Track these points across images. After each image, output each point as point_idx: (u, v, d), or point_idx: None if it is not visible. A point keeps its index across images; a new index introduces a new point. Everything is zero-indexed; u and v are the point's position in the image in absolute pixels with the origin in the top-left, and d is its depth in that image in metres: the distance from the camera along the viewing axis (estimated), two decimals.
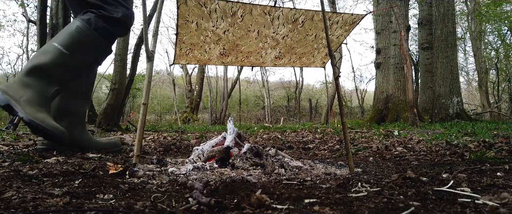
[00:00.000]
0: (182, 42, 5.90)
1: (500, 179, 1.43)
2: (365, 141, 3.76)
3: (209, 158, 2.02)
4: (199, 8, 3.88)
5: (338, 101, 1.86)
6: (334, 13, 3.13)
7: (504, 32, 16.22)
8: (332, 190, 1.29)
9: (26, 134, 4.82)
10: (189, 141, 4.10)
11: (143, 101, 1.87)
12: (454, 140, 3.27)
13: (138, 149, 1.85)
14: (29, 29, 13.71)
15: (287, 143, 3.56)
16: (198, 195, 1.08)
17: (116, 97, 6.58)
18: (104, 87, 24.87)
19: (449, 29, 9.40)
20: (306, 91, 26.61)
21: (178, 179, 1.55)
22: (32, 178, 1.47)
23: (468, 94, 25.78)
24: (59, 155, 2.53)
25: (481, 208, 0.98)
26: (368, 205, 1.03)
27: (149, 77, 1.90)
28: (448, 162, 2.04)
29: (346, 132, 1.80)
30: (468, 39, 18.68)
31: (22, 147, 3.06)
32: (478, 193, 1.17)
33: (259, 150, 2.00)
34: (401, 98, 9.36)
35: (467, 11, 16.46)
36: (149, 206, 1.02)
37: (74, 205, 1.02)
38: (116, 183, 1.41)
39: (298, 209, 0.99)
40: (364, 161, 2.34)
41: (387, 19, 10.04)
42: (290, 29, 5.64)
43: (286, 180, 1.53)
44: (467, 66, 24.07)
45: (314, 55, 6.38)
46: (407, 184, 1.35)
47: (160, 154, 2.84)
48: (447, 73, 9.25)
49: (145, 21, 1.93)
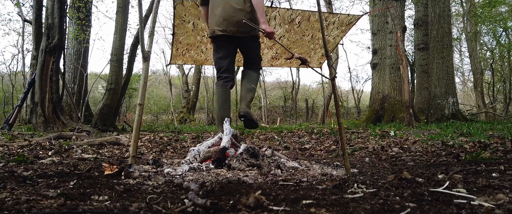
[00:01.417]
0: (179, 42, 5.89)
1: (495, 179, 1.44)
2: (361, 142, 3.77)
3: (205, 159, 2.01)
4: (196, 8, 3.89)
5: (334, 102, 1.87)
6: (330, 13, 3.14)
7: (499, 33, 16.34)
8: (328, 191, 1.29)
9: (21, 134, 4.79)
10: (186, 141, 4.09)
11: (139, 102, 1.86)
12: (449, 141, 3.29)
13: (134, 149, 1.84)
14: (24, 29, 13.62)
15: (284, 143, 3.56)
16: (194, 196, 1.08)
17: (112, 97, 6.55)
18: (100, 88, 24.76)
19: (444, 30, 9.45)
20: (302, 92, 26.64)
21: (174, 180, 1.55)
22: (26, 179, 1.45)
23: (464, 95, 25.93)
24: (54, 155, 2.52)
25: (477, 209, 0.98)
26: (364, 206, 1.03)
27: (145, 78, 1.89)
28: (444, 163, 2.05)
29: (342, 133, 1.80)
30: (464, 40, 18.80)
31: (17, 147, 3.03)
32: (473, 194, 1.17)
33: (256, 150, 1.99)
34: (397, 99, 9.40)
35: (462, 12, 16.55)
36: (144, 207, 1.02)
37: (68, 207, 1.01)
38: (111, 184, 1.40)
39: (294, 210, 0.99)
40: (360, 161, 2.35)
41: (383, 20, 10.07)
42: (286, 30, 5.66)
43: (283, 181, 1.52)
44: (463, 67, 24.19)
45: (311, 56, 6.39)
46: (403, 185, 1.35)
47: (156, 155, 2.83)
48: (442, 74, 9.29)
49: (141, 21, 1.92)
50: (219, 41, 3.19)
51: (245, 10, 3.10)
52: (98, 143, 3.47)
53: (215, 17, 3.17)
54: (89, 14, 10.74)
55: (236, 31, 3.09)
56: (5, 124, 6.24)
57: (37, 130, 5.82)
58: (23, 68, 14.44)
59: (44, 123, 5.89)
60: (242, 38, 3.17)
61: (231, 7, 3.10)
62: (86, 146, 3.30)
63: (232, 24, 3.08)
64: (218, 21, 3.13)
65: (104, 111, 6.48)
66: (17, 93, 14.76)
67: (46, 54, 6.07)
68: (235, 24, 3.08)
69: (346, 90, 27.22)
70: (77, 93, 10.15)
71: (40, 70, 6.03)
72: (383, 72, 9.97)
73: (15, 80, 15.44)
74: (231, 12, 3.09)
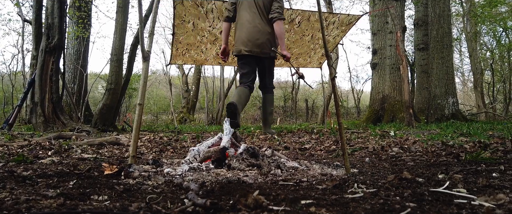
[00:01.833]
0: (179, 42, 5.89)
1: (495, 179, 1.44)
2: (361, 142, 3.77)
3: (205, 159, 2.01)
4: (196, 8, 3.90)
5: (334, 102, 1.86)
6: (330, 13, 3.14)
7: (499, 33, 16.33)
8: (328, 191, 1.29)
9: (21, 134, 4.79)
10: (186, 141, 4.09)
11: (139, 102, 1.85)
12: (449, 141, 3.28)
13: (134, 149, 1.84)
14: (24, 29, 13.62)
15: (284, 143, 3.56)
16: (194, 196, 1.07)
17: (112, 97, 6.55)
18: (100, 88, 24.76)
19: (444, 30, 9.44)
20: (302, 92, 26.61)
21: (174, 180, 1.54)
22: (26, 178, 1.45)
23: (464, 95, 25.92)
24: (54, 155, 2.52)
25: (477, 209, 0.98)
26: (364, 206, 1.03)
27: (144, 78, 1.89)
28: (444, 163, 2.05)
29: (342, 133, 1.80)
30: (464, 40, 18.79)
31: (17, 147, 3.03)
32: (474, 194, 1.17)
33: (256, 150, 1.99)
34: (397, 99, 9.40)
35: (462, 12, 16.55)
36: (144, 207, 1.02)
37: (68, 207, 1.01)
38: (111, 184, 1.40)
39: (294, 210, 0.98)
40: (360, 161, 2.34)
41: (383, 20, 10.07)
42: (286, 30, 5.66)
43: (283, 180, 1.52)
44: (463, 67, 24.18)
45: (311, 56, 6.40)
46: (403, 185, 1.35)
47: (156, 155, 2.82)
48: (442, 74, 9.28)
49: (141, 21, 1.92)
50: (244, 59, 3.70)
51: (267, 32, 3.62)
52: (98, 143, 3.47)
53: (241, 37, 3.67)
54: (89, 14, 10.75)
55: (259, 52, 3.61)
56: (5, 124, 6.24)
57: (37, 129, 5.82)
58: (23, 68, 14.44)
59: (44, 123, 5.89)
60: (263, 58, 3.69)
61: (255, 27, 3.60)
62: (86, 146, 3.29)
63: (256, 45, 3.60)
64: (244, 42, 3.63)
65: (104, 110, 6.48)
66: (17, 93, 14.75)
67: (46, 54, 6.07)
68: (259, 45, 3.59)
69: (346, 91, 27.22)
70: (77, 93, 10.15)
71: (40, 70, 6.03)
72: (383, 72, 9.97)
73: (15, 80, 15.44)
74: (255, 34, 3.59)
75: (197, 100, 20.91)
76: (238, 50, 3.66)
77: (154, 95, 29.06)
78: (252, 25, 3.61)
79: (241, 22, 3.70)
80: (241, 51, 3.60)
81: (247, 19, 3.64)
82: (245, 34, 3.63)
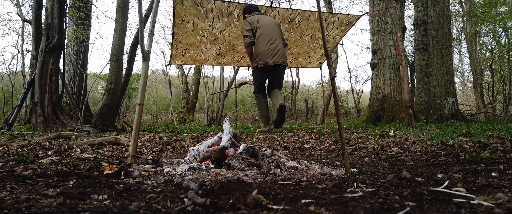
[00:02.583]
0: (179, 42, 5.89)
1: (495, 179, 1.44)
2: (361, 141, 3.77)
3: (205, 158, 2.01)
4: (196, 8, 3.90)
5: (334, 102, 1.86)
6: (330, 13, 3.14)
7: (499, 34, 16.33)
8: (328, 190, 1.29)
9: (20, 134, 4.79)
10: (185, 141, 4.09)
11: (138, 102, 1.86)
12: (449, 140, 3.29)
13: (134, 149, 1.84)
14: (24, 29, 13.61)
15: (283, 143, 3.56)
16: (194, 195, 1.08)
17: (111, 97, 6.55)
18: (100, 88, 24.75)
19: (444, 30, 9.44)
20: (302, 92, 26.63)
21: (174, 179, 1.55)
22: (26, 178, 1.45)
23: (463, 95, 25.92)
24: (54, 155, 2.52)
25: (476, 208, 0.98)
26: (363, 205, 1.03)
27: (144, 78, 1.89)
28: (443, 162, 2.05)
29: (342, 132, 1.80)
30: (463, 40, 18.79)
31: (17, 147, 3.04)
32: (473, 193, 1.18)
33: (255, 150, 1.99)
34: (397, 99, 9.39)
35: (462, 12, 16.55)
36: (144, 206, 1.02)
37: (68, 206, 1.01)
38: (111, 183, 1.40)
39: (294, 209, 0.99)
40: (360, 161, 2.35)
41: (383, 20, 10.07)
42: (286, 29, 5.66)
43: (282, 180, 1.52)
44: (462, 67, 24.17)
45: (311, 56, 6.40)
46: (403, 184, 1.35)
47: (155, 154, 2.83)
48: (442, 74, 9.28)
49: (140, 21, 1.92)
50: (265, 70, 4.50)
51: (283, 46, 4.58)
52: (98, 143, 3.47)
53: (267, 51, 4.42)
54: (89, 14, 10.74)
55: (283, 61, 4.48)
56: (5, 124, 6.24)
57: (36, 129, 5.82)
58: (23, 68, 14.44)
59: (44, 123, 5.89)
60: (280, 66, 4.52)
61: (281, 44, 4.51)
62: (85, 146, 3.29)
63: (280, 55, 4.47)
64: (271, 55, 4.42)
65: (104, 110, 6.48)
66: (16, 93, 14.75)
67: (46, 54, 6.07)
68: (283, 56, 4.48)
69: (346, 91, 27.23)
70: (76, 93, 10.15)
71: (40, 70, 6.03)
72: (383, 72, 9.97)
73: (14, 80, 15.43)
74: (281, 48, 4.49)
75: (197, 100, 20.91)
76: (265, 62, 4.44)
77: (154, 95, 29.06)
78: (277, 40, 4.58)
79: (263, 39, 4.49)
80: (268, 64, 4.41)
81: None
82: (272, 48, 4.49)
